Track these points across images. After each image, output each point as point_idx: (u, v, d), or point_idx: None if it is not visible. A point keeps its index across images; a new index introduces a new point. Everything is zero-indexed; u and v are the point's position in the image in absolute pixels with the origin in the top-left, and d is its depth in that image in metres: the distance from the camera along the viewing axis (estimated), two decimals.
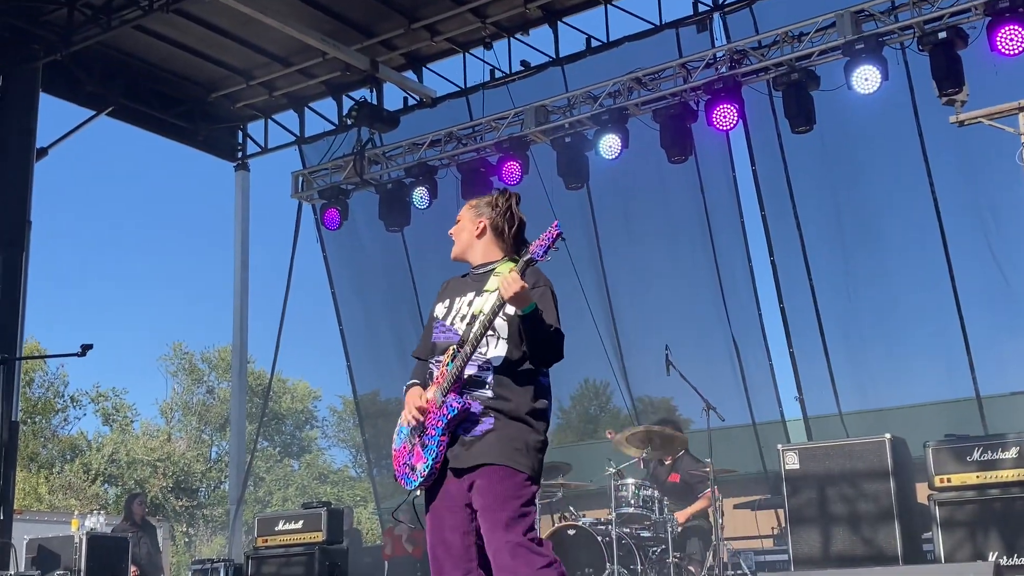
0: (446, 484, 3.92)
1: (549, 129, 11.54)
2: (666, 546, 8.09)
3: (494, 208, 4.15)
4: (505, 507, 3.78)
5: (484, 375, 3.91)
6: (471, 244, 4.18)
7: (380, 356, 14.69)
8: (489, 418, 3.86)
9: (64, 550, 10.51)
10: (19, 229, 11.52)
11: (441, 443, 3.87)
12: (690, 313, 12.90)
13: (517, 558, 3.73)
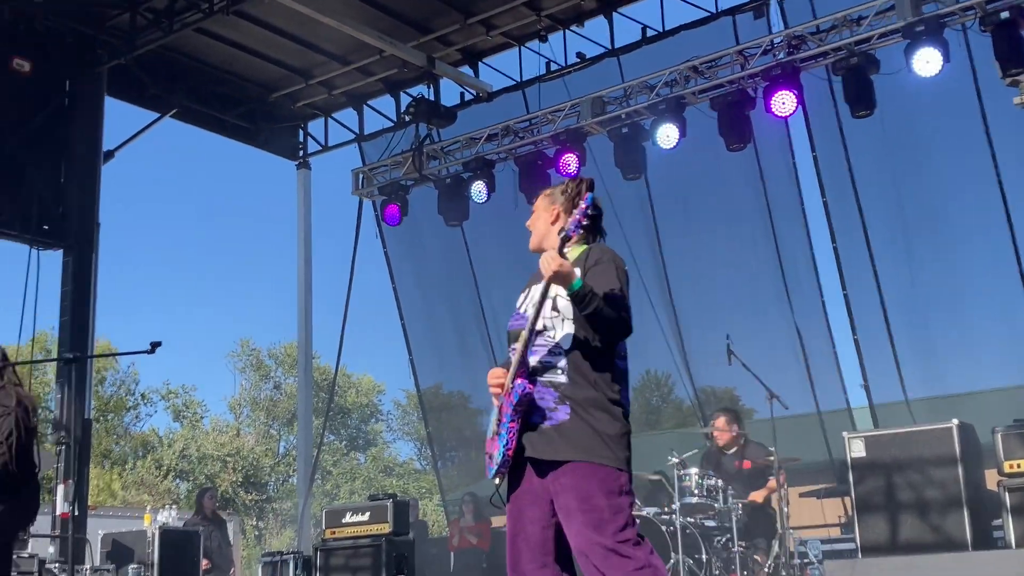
0: (527, 474, 3.78)
1: (606, 120, 11.53)
2: (731, 535, 8.07)
3: (566, 195, 4.05)
4: (592, 507, 3.61)
5: (555, 359, 3.76)
6: (547, 233, 4.06)
7: (442, 350, 14.79)
8: (564, 406, 3.70)
9: (137, 544, 10.75)
10: (88, 231, 11.80)
11: (511, 430, 3.72)
12: (752, 302, 12.82)
13: (608, 561, 3.57)
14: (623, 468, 3.69)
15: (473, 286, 14.04)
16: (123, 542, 10.94)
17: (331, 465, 38.45)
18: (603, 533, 3.58)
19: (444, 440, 16.91)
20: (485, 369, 13.43)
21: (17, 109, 11.35)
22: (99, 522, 13.02)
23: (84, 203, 11.84)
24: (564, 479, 3.67)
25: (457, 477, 16.10)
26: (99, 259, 11.89)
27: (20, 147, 11.32)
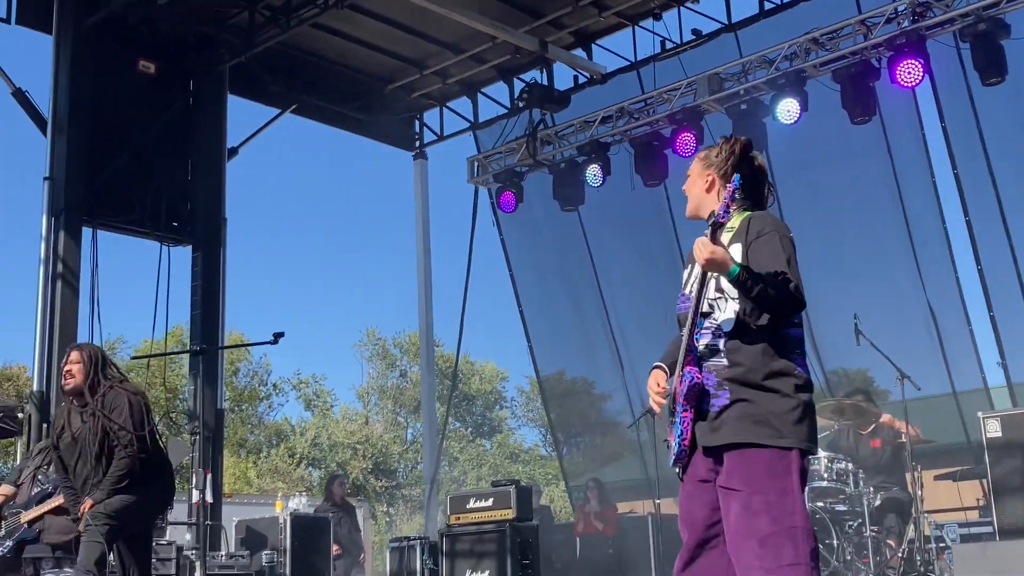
0: (695, 459, 3.63)
1: (723, 97, 11.32)
2: (863, 520, 7.85)
3: (719, 158, 3.80)
4: (752, 490, 3.44)
5: (717, 342, 3.58)
6: (703, 200, 3.81)
7: (562, 336, 14.76)
8: (725, 391, 3.53)
9: (270, 531, 11.02)
10: (215, 226, 12.12)
11: (684, 419, 3.58)
12: (882, 280, 12.43)
13: (765, 548, 3.39)
14: (792, 447, 3.47)
15: (591, 271, 13.96)
16: (256, 529, 11.22)
17: (458, 452, 38.86)
18: (762, 518, 3.41)
19: (569, 426, 16.88)
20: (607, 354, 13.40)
21: (144, 110, 11.71)
22: (233, 509, 13.38)
23: (210, 199, 12.16)
24: (727, 461, 3.53)
25: (583, 463, 16.06)
26: (226, 253, 12.21)
27: (148, 147, 11.68)
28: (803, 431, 3.50)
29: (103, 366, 6.19)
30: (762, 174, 3.84)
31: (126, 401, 6.05)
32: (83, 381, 6.07)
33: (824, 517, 7.83)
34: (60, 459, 6.25)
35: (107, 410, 6.01)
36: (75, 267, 10.80)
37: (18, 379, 30.53)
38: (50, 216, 10.74)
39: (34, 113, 11.07)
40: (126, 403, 6.04)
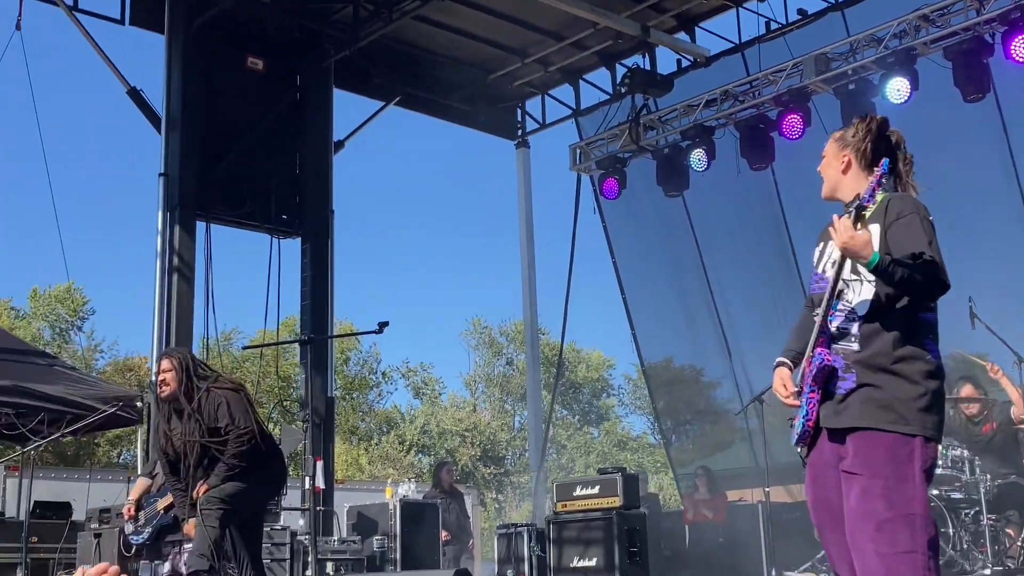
0: (821, 442, 3.62)
1: (831, 77, 11.09)
2: (979, 508, 7.63)
3: (856, 138, 3.74)
4: (873, 474, 3.41)
5: (850, 326, 3.54)
6: (839, 181, 3.77)
7: (668, 323, 14.65)
8: (852, 374, 3.50)
9: (381, 516, 11.21)
10: (323, 218, 12.35)
11: (811, 400, 3.56)
12: (996, 261, 12.03)
13: (881, 533, 3.36)
14: (916, 434, 3.43)
15: (697, 256, 13.82)
16: (367, 514, 11.42)
17: (565, 439, 38.96)
18: (880, 502, 3.38)
19: (677, 414, 16.75)
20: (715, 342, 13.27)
21: (253, 106, 12.00)
22: (345, 495, 13.65)
23: (318, 192, 12.39)
24: (849, 445, 3.51)
25: (692, 451, 15.93)
26: (334, 245, 12.44)
27: (258, 142, 11.97)
28: (929, 419, 3.45)
29: (195, 369, 6.38)
30: (899, 152, 3.78)
31: (224, 400, 6.24)
32: (178, 387, 6.27)
33: (940, 505, 7.64)
34: (168, 463, 6.48)
35: (207, 414, 6.21)
36: (190, 260, 11.13)
37: (139, 369, 31.60)
38: (165, 211, 11.08)
39: (148, 111, 11.42)
40: (224, 402, 6.24)
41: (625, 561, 9.60)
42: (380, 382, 41.78)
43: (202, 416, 6.22)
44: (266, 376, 28.32)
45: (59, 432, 10.26)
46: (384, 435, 39.50)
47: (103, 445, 30.55)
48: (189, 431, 6.23)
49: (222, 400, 6.24)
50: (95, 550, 8.74)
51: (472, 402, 41.94)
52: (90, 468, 19.84)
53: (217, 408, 6.22)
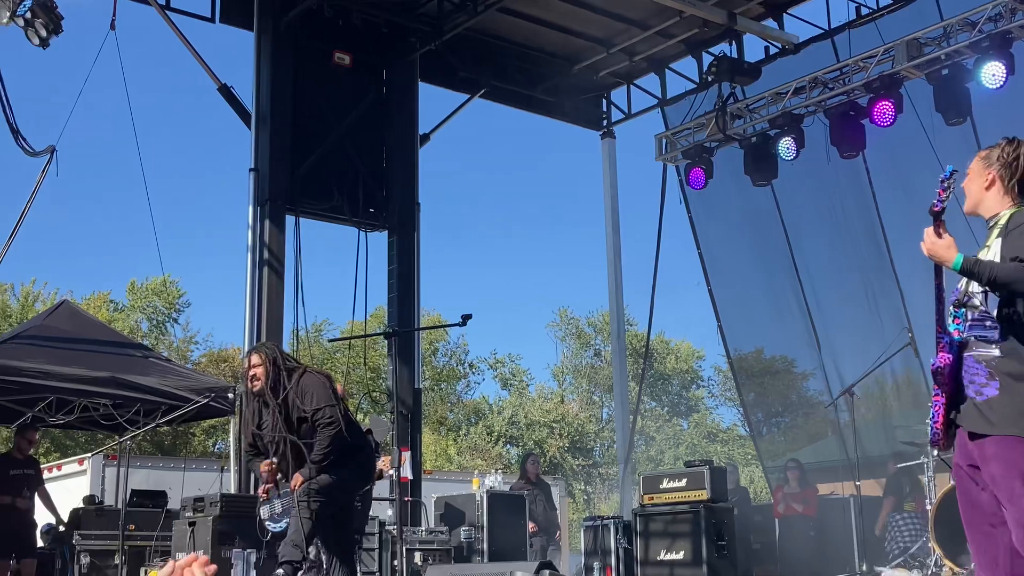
0: (961, 442, 3.77)
1: (923, 63, 10.83)
2: None
3: (1001, 160, 3.86)
4: (1014, 478, 3.55)
5: (988, 332, 3.67)
6: (981, 197, 3.88)
7: (757, 314, 14.47)
8: (994, 382, 3.63)
9: (468, 507, 11.27)
10: (409, 211, 12.45)
11: (936, 403, 3.74)
12: None
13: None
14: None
15: (786, 247, 13.61)
16: (454, 505, 11.49)
17: (654, 431, 38.74)
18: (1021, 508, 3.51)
19: (769, 406, 16.55)
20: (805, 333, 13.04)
21: (341, 101, 12.14)
22: (433, 486, 13.76)
23: (404, 185, 12.49)
24: (989, 449, 3.64)
25: (783, 443, 15.72)
26: (420, 237, 12.53)
27: (345, 136, 12.11)
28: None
29: (283, 362, 6.52)
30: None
31: (311, 388, 6.37)
32: (267, 381, 6.40)
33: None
34: (255, 455, 6.62)
35: (292, 402, 6.35)
36: (280, 253, 11.31)
37: (233, 360, 32.25)
38: (255, 205, 11.27)
39: (239, 107, 11.62)
40: (311, 390, 6.36)
41: (713, 554, 9.52)
42: (468, 373, 42.06)
43: (288, 407, 6.33)
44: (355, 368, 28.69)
45: (154, 423, 10.52)
46: (472, 426, 39.74)
47: (199, 435, 31.28)
48: (281, 423, 6.35)
49: (309, 388, 6.36)
50: (189, 538, 8.95)
51: (560, 393, 41.95)
52: (185, 458, 20.34)
53: (303, 396, 6.34)
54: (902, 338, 9.82)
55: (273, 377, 6.39)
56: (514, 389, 41.62)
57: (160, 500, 10.77)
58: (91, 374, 9.76)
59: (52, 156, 9.21)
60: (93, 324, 11.97)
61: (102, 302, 33.71)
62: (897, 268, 12.79)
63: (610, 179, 14.44)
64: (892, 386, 13.62)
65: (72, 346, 10.19)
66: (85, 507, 10.88)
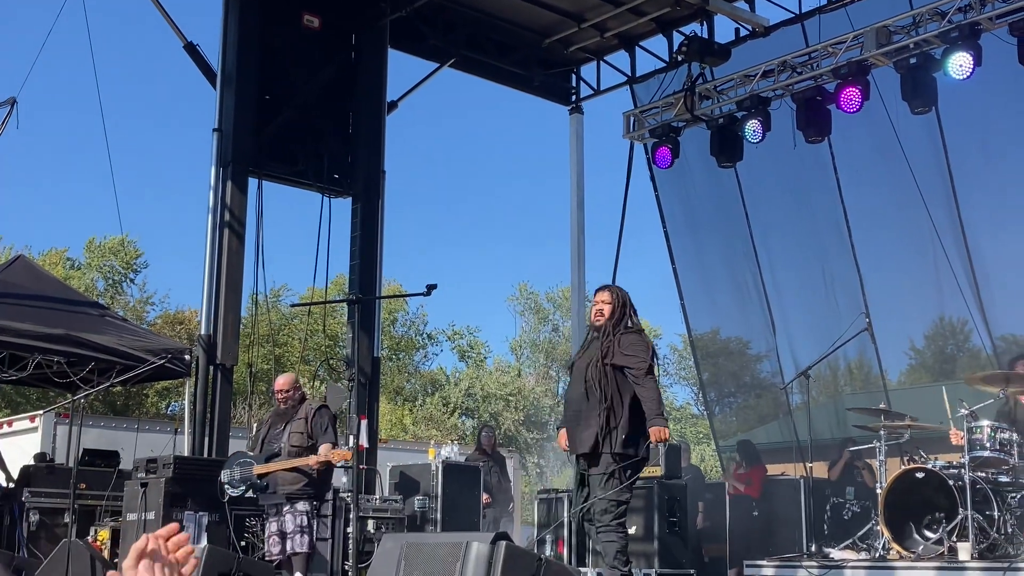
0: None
1: (892, 51, 10.86)
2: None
3: None
4: None
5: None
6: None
7: (716, 294, 14.55)
8: None
9: (423, 477, 11.30)
10: (374, 179, 12.37)
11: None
12: None
13: None
14: None
15: (746, 229, 13.68)
16: (409, 475, 11.51)
17: None
18: None
19: (721, 385, 16.69)
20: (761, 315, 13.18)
21: (308, 64, 12.01)
22: (388, 455, 13.76)
23: (370, 152, 12.40)
24: None
25: (736, 423, 15.87)
26: (385, 206, 12.46)
27: (312, 100, 12.00)
28: None
29: (630, 310, 6.75)
30: None
31: (639, 342, 6.56)
32: (611, 318, 6.62)
33: (986, 488, 7.55)
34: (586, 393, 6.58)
35: (622, 348, 6.48)
36: (241, 216, 11.21)
37: (189, 322, 32.03)
38: (218, 167, 11.16)
39: (204, 66, 11.47)
40: (638, 343, 6.55)
41: (665, 530, 9.63)
42: (426, 344, 42.03)
43: (611, 348, 6.46)
44: (313, 334, 28.56)
45: (109, 382, 10.42)
46: (428, 396, 39.76)
47: (151, 396, 31.05)
48: (600, 368, 6.45)
49: (636, 343, 6.52)
50: (141, 499, 8.89)
51: (517, 367, 42.05)
52: (139, 418, 20.18)
53: (629, 346, 6.48)
54: (859, 323, 9.91)
55: (617, 317, 6.61)
56: (472, 361, 41.66)
57: (112, 460, 10.68)
58: (46, 330, 9.65)
59: (13, 108, 9.06)
60: (49, 281, 11.82)
61: (59, 259, 33.30)
62: (858, 254, 12.91)
63: (577, 155, 14.42)
64: (844, 370, 13.78)
65: (27, 302, 10.07)
66: (36, 464, 10.78)
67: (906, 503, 7.85)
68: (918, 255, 12.44)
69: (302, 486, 8.05)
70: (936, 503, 7.68)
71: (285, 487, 8.07)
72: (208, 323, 10.89)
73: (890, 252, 13.08)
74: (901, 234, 12.76)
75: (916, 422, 8.72)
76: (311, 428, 8.18)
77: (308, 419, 8.21)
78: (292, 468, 8.03)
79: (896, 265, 13.06)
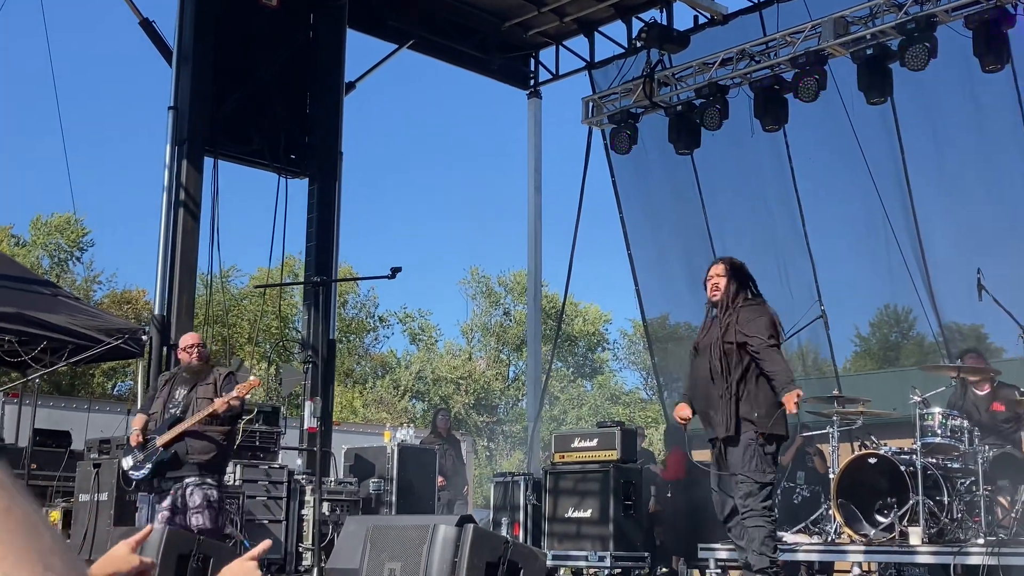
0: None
1: (849, 41, 10.99)
2: (975, 478, 7.69)
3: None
4: None
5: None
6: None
7: (669, 280, 14.65)
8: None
9: (378, 459, 11.28)
10: (332, 160, 12.29)
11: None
12: (1006, 234, 12.02)
13: None
14: None
15: (703, 216, 13.78)
16: (365, 457, 11.49)
17: (558, 391, 39.11)
18: None
19: (670, 371, 16.82)
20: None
21: (266, 42, 11.89)
22: (342, 437, 13.72)
23: (327, 133, 12.32)
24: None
25: None
26: (341, 187, 12.39)
27: (269, 79, 11.87)
28: None
29: (749, 283, 6.59)
30: None
31: (761, 315, 6.33)
32: (725, 291, 6.44)
33: (936, 474, 7.69)
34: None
35: (740, 325, 6.26)
36: (196, 195, 11.09)
37: (136, 302, 31.64)
38: (174, 145, 11.02)
39: (160, 43, 11.32)
40: (760, 316, 6.32)
41: (620, 513, 9.71)
42: (377, 326, 41.89)
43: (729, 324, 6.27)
44: (263, 316, 28.35)
45: (62, 362, 10.29)
46: (379, 379, 39.66)
47: (98, 376, 30.67)
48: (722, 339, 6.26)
49: (756, 316, 6.30)
50: (94, 480, 8.80)
51: (468, 350, 42.05)
52: (90, 399, 19.94)
53: (747, 323, 6.26)
54: (814, 311, 10.03)
55: (734, 291, 6.42)
56: (423, 344, 41.59)
57: (64, 440, 10.56)
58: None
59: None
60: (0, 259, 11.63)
61: (3, 236, 32.72)
62: (811, 242, 13.06)
63: (535, 139, 14.44)
64: (797, 353, 13.94)
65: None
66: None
67: (858, 488, 7.98)
68: (870, 243, 12.62)
69: (212, 456, 7.36)
70: (887, 488, 7.81)
71: (195, 456, 7.33)
72: (162, 304, 10.77)
73: (842, 240, 13.25)
74: (854, 223, 12.93)
75: (869, 408, 8.86)
76: (219, 394, 7.41)
77: (217, 384, 7.51)
78: (202, 435, 7.29)
79: (846, 253, 13.24)
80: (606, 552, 9.63)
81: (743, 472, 6.06)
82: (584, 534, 9.89)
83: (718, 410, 6.21)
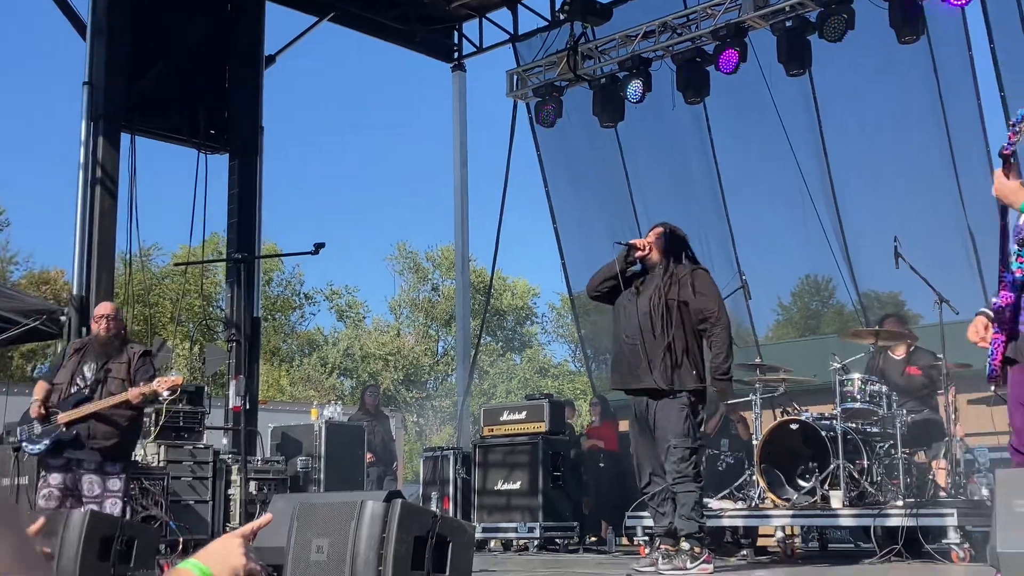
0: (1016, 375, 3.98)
1: (768, 13, 11.08)
2: (894, 441, 7.87)
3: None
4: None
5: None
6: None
7: (595, 253, 14.70)
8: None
9: (305, 437, 11.22)
10: (252, 135, 12.12)
11: (995, 341, 3.94)
12: (921, 203, 12.29)
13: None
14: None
15: (627, 189, 13.86)
16: (292, 435, 11.42)
17: (488, 365, 39.20)
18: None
19: (598, 343, 16.94)
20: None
21: (183, 15, 11.66)
22: (269, 416, 13.61)
23: (248, 108, 12.14)
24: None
25: (609, 379, 16.14)
26: (263, 163, 12.22)
27: (187, 53, 11.65)
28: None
29: (682, 244, 6.64)
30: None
31: (709, 284, 6.38)
32: (660, 253, 6.46)
33: (856, 438, 7.86)
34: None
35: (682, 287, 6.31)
36: (113, 173, 10.85)
37: (55, 282, 30.98)
38: (89, 121, 10.76)
39: (73, 17, 11.03)
40: (709, 285, 6.37)
41: (548, 485, 9.78)
42: (303, 304, 41.55)
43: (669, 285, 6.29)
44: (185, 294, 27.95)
45: None
46: (306, 357, 39.37)
47: (16, 358, 30.00)
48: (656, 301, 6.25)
49: (707, 285, 6.36)
50: (14, 464, 8.61)
51: (396, 326, 41.93)
52: (8, 382, 19.48)
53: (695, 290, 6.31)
54: (735, 281, 10.15)
55: (669, 250, 6.46)
56: (350, 321, 41.37)
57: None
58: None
59: None
60: None
61: None
62: (730, 213, 13.22)
63: (459, 113, 14.36)
64: None
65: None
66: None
67: (780, 454, 8.13)
68: (788, 214, 12.80)
69: (115, 442, 6.77)
70: (809, 454, 7.96)
71: (98, 440, 6.73)
72: (80, 284, 10.54)
73: (761, 211, 13.43)
74: (773, 194, 13.10)
75: (791, 375, 9.01)
76: (132, 375, 6.84)
77: (131, 363, 6.89)
78: (108, 419, 6.73)
79: (766, 224, 13.42)
80: (535, 523, 9.71)
81: (678, 438, 6.13)
82: (514, 506, 9.95)
83: (655, 363, 6.20)
